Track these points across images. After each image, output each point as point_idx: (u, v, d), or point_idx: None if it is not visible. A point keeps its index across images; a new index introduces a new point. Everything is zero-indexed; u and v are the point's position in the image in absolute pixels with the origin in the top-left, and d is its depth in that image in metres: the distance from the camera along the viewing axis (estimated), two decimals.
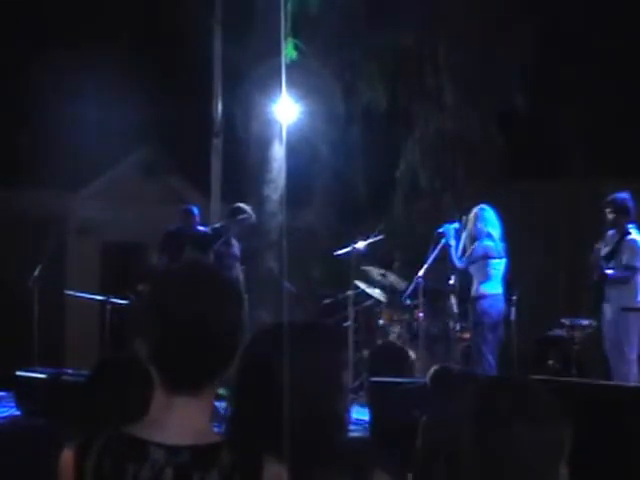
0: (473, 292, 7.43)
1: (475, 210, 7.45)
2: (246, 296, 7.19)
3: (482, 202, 7.66)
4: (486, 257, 7.31)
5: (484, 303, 7.31)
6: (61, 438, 1.93)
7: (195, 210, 8.74)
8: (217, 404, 1.86)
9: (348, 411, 1.99)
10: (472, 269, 7.44)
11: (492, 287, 7.34)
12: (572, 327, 7.83)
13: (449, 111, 10.96)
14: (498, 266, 7.38)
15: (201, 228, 8.65)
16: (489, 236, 7.35)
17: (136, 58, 10.71)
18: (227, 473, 1.64)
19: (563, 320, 8.00)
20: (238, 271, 8.18)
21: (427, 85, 10.99)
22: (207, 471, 1.64)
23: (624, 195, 6.92)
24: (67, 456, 1.72)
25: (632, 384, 6.44)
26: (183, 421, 1.68)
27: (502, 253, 7.42)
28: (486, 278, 7.33)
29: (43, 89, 9.76)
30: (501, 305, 7.39)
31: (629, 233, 6.81)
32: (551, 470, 1.64)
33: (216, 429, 1.79)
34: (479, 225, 7.35)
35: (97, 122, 10.07)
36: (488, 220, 7.38)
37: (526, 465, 1.61)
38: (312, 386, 1.87)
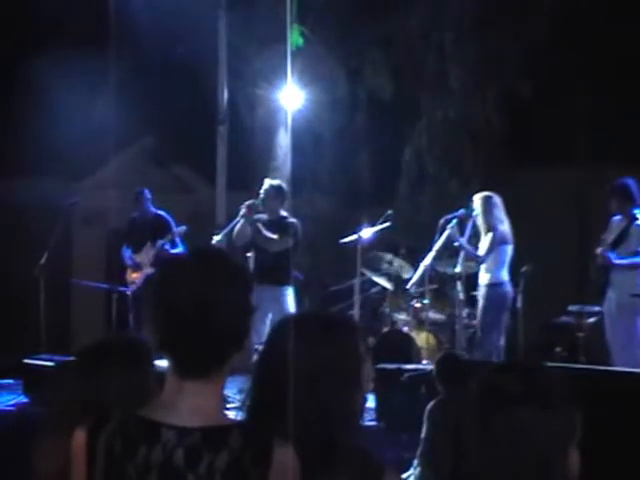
0: (486, 279, 7.35)
1: (482, 199, 7.40)
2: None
3: (487, 189, 7.63)
4: (503, 243, 7.29)
5: (498, 290, 7.25)
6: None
7: (147, 193, 8.35)
8: (227, 392, 1.86)
9: (364, 402, 1.96)
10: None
11: (504, 274, 7.31)
12: (579, 314, 7.82)
13: (455, 98, 10.92)
14: (510, 252, 7.37)
15: (161, 212, 8.35)
16: (502, 222, 7.34)
17: (140, 45, 10.67)
18: (237, 455, 1.66)
19: (570, 307, 7.98)
20: None
21: (433, 72, 10.95)
22: (217, 452, 1.66)
23: (628, 181, 6.90)
24: (79, 437, 1.74)
25: (638, 370, 6.43)
26: (193, 404, 1.70)
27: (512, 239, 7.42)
28: (499, 265, 7.28)
29: (47, 77, 9.74)
30: (511, 291, 7.37)
31: (636, 218, 6.78)
32: (560, 454, 1.62)
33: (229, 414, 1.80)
34: (495, 212, 7.33)
35: (102, 110, 10.06)
36: (500, 207, 7.37)
37: (534, 449, 1.60)
38: (330, 378, 1.86)
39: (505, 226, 7.35)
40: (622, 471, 4.55)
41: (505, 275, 7.32)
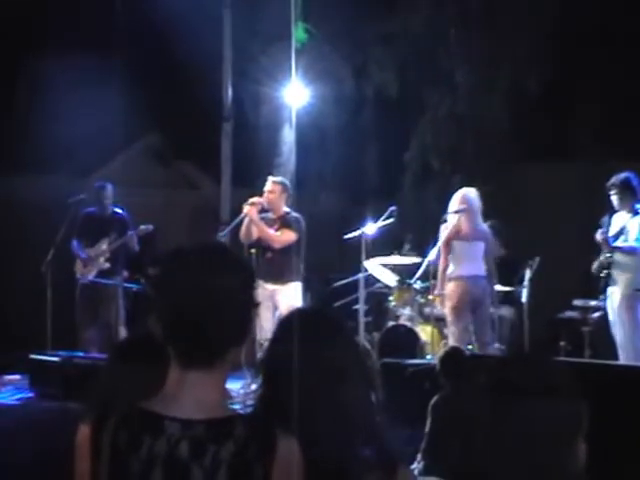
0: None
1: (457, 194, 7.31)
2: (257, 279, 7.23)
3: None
4: (449, 238, 7.18)
5: (453, 283, 7.12)
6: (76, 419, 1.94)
7: (109, 189, 8.40)
8: (230, 387, 1.87)
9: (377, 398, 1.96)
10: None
11: (456, 268, 7.13)
12: (584, 309, 7.83)
13: (460, 94, 10.92)
14: (460, 247, 7.14)
15: (120, 211, 8.41)
16: (451, 219, 7.22)
17: (146, 43, 10.70)
18: (241, 446, 1.67)
19: (575, 302, 8.00)
20: None
21: (438, 68, 10.95)
22: (222, 444, 1.67)
23: (627, 174, 6.87)
24: (84, 431, 1.75)
25: None
26: (197, 396, 1.72)
27: (473, 235, 7.22)
28: (453, 259, 7.14)
29: (52, 75, 9.77)
30: (471, 286, 7.14)
31: (637, 213, 6.79)
32: (569, 445, 1.64)
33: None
34: (457, 208, 7.22)
35: (107, 108, 10.08)
36: (465, 203, 7.20)
37: (543, 440, 1.61)
38: (343, 373, 1.87)
39: (451, 225, 7.16)
40: (628, 464, 4.57)
41: (458, 269, 7.11)
